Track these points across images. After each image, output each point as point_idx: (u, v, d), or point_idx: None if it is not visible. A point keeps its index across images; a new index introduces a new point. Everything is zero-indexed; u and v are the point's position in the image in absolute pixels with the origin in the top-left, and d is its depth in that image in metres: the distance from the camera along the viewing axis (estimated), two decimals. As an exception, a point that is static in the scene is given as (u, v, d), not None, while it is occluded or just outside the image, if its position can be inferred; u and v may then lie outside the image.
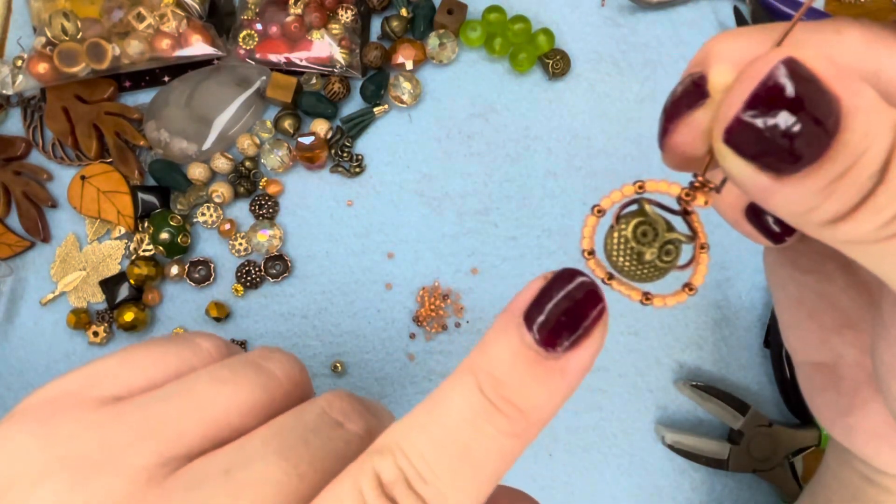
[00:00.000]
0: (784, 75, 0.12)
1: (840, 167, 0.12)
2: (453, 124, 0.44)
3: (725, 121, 0.13)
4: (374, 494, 0.14)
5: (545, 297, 0.15)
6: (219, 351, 0.20)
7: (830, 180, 0.12)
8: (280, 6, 0.44)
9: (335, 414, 0.18)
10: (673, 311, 0.42)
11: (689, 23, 0.46)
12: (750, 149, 0.13)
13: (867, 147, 0.12)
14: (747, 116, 0.12)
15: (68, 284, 0.43)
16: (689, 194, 0.15)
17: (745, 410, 0.39)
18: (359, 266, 0.43)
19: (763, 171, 0.13)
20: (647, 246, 0.15)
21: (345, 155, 0.44)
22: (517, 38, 0.44)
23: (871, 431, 0.22)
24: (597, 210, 0.15)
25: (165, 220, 0.42)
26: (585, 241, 0.15)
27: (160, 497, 0.15)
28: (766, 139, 0.12)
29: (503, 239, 0.43)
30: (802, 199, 0.13)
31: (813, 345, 0.23)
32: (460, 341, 0.42)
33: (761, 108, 0.12)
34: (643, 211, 0.15)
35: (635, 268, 0.15)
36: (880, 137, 0.12)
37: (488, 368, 0.15)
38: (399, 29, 0.44)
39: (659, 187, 0.15)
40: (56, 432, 0.16)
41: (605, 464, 0.41)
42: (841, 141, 0.12)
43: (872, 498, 0.24)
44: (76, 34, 0.41)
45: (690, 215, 0.15)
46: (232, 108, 0.43)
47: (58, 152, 0.44)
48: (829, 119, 0.12)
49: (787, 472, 0.39)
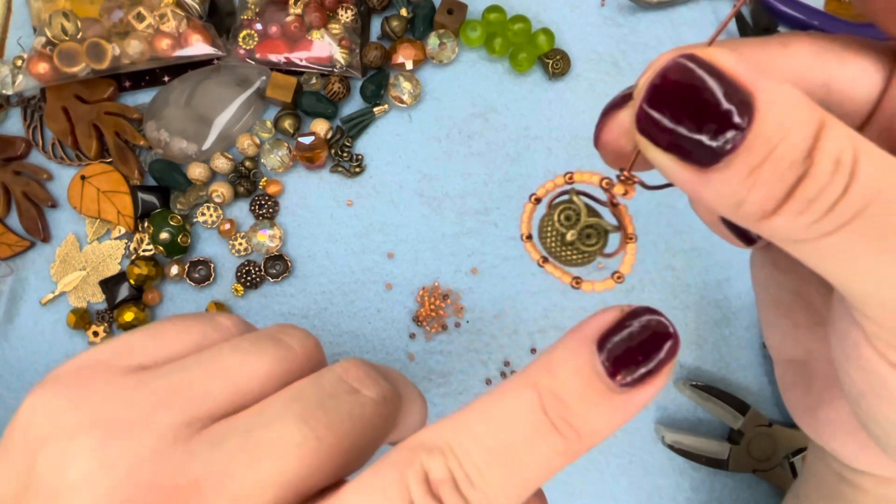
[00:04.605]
0: (683, 68, 0.13)
1: (756, 156, 0.13)
2: (453, 124, 0.44)
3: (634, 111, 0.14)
4: (420, 491, 0.14)
5: (621, 328, 0.15)
6: (238, 328, 0.21)
7: (750, 170, 0.13)
8: (280, 6, 0.44)
9: (351, 380, 0.18)
10: (673, 312, 0.42)
11: (689, 23, 0.46)
12: (661, 139, 0.13)
13: (783, 137, 0.13)
14: (649, 106, 0.13)
15: (68, 284, 0.43)
16: (609, 183, 0.15)
17: (745, 410, 0.39)
18: (359, 266, 0.43)
19: (685, 162, 0.13)
20: (568, 229, 0.16)
21: (345, 155, 0.44)
22: (517, 38, 0.44)
23: (838, 427, 0.22)
24: (533, 198, 0.16)
25: (165, 220, 0.42)
26: (523, 225, 0.17)
27: (185, 454, 0.16)
28: (673, 130, 0.13)
29: (503, 239, 0.43)
30: (728, 190, 0.13)
31: (788, 342, 0.23)
32: (460, 341, 0.42)
33: (661, 98, 0.13)
34: (570, 199, 0.16)
35: (560, 249, 0.16)
36: (798, 128, 0.13)
37: (555, 389, 0.15)
38: (399, 29, 0.44)
39: (583, 178, 0.16)
40: (87, 395, 0.17)
41: (605, 464, 0.41)
42: (754, 131, 0.13)
43: (847, 496, 0.24)
44: (76, 34, 0.41)
45: (617, 206, 0.16)
46: (232, 108, 0.43)
47: (58, 152, 0.44)
48: (743, 111, 0.13)
49: (787, 472, 0.39)
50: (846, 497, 0.24)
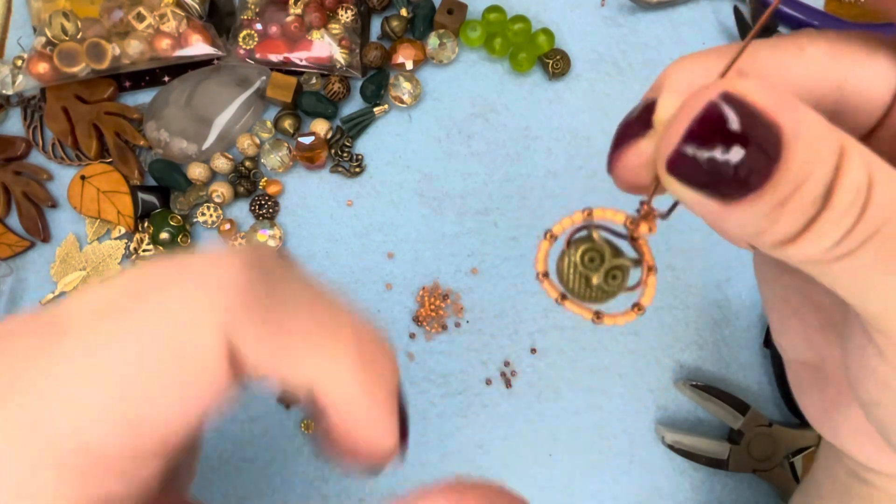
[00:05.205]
0: (719, 110, 0.13)
1: (783, 193, 0.13)
2: (453, 124, 0.44)
3: (666, 153, 0.13)
4: None
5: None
6: None
7: (775, 205, 0.13)
8: (280, 6, 0.44)
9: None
10: (673, 312, 0.42)
11: (689, 23, 0.46)
12: (694, 178, 0.13)
13: (809, 173, 0.13)
14: (687, 149, 0.13)
15: (68, 284, 0.43)
16: (634, 222, 0.15)
17: (745, 410, 0.39)
18: (359, 266, 0.43)
19: (710, 197, 0.13)
20: (593, 271, 0.16)
21: (345, 155, 0.44)
22: (517, 38, 0.44)
23: (855, 428, 0.22)
24: (549, 235, 0.16)
25: (165, 220, 0.42)
26: (539, 263, 0.16)
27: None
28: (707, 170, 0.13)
29: (503, 239, 0.43)
30: (751, 223, 0.13)
31: (799, 344, 0.23)
32: (460, 341, 0.42)
33: (698, 141, 0.13)
34: (591, 237, 0.16)
35: (584, 290, 0.16)
36: (822, 163, 0.13)
37: None
38: (399, 29, 0.44)
39: (605, 215, 0.16)
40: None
41: (605, 464, 0.41)
42: (782, 168, 0.12)
43: (861, 494, 0.24)
44: (76, 34, 0.41)
45: (637, 240, 0.16)
46: (232, 108, 0.43)
47: (58, 152, 0.44)
48: (771, 147, 0.12)
49: (787, 472, 0.39)
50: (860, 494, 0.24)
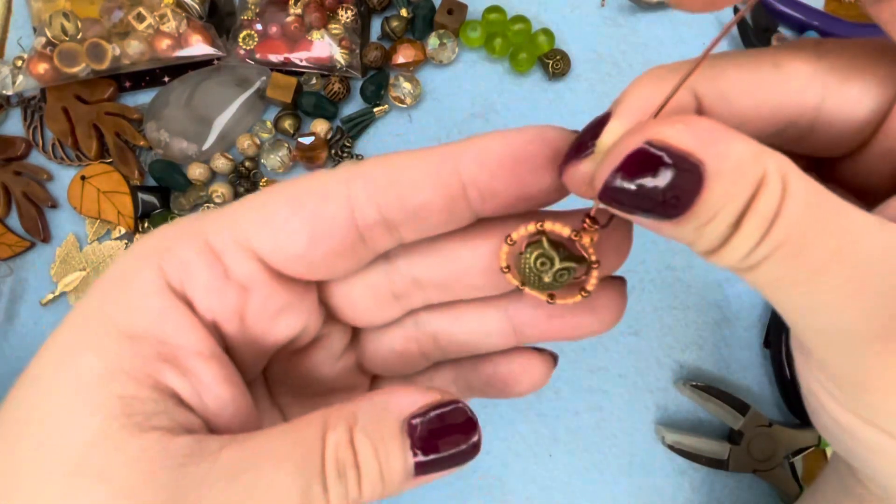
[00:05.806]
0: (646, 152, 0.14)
1: (703, 219, 0.15)
2: (453, 124, 0.44)
3: (599, 183, 0.15)
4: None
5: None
6: None
7: (696, 228, 0.15)
8: (280, 6, 0.44)
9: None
10: (673, 312, 0.42)
11: (689, 23, 0.46)
12: (624, 204, 0.15)
13: (724, 205, 0.14)
14: (616, 183, 0.15)
15: (68, 285, 0.43)
16: (578, 234, 0.18)
17: (745, 410, 0.39)
18: (359, 266, 0.43)
19: (642, 217, 0.15)
20: (545, 273, 0.19)
21: (345, 155, 0.44)
22: (517, 38, 0.44)
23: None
24: (509, 240, 0.19)
25: (165, 220, 0.42)
26: (502, 261, 0.20)
27: None
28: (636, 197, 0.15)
29: (503, 239, 0.43)
30: (680, 236, 0.16)
31: None
32: (460, 341, 0.42)
33: (627, 176, 0.15)
34: (542, 244, 0.19)
35: (539, 285, 0.20)
36: (737, 196, 0.14)
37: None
38: (399, 29, 0.44)
39: (554, 228, 0.18)
40: None
41: (605, 464, 0.41)
42: (702, 199, 0.14)
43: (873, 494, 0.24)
44: (76, 34, 0.41)
45: (582, 244, 0.19)
46: (232, 108, 0.43)
47: (58, 152, 0.44)
48: (694, 181, 0.14)
49: (787, 473, 0.39)
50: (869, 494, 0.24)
